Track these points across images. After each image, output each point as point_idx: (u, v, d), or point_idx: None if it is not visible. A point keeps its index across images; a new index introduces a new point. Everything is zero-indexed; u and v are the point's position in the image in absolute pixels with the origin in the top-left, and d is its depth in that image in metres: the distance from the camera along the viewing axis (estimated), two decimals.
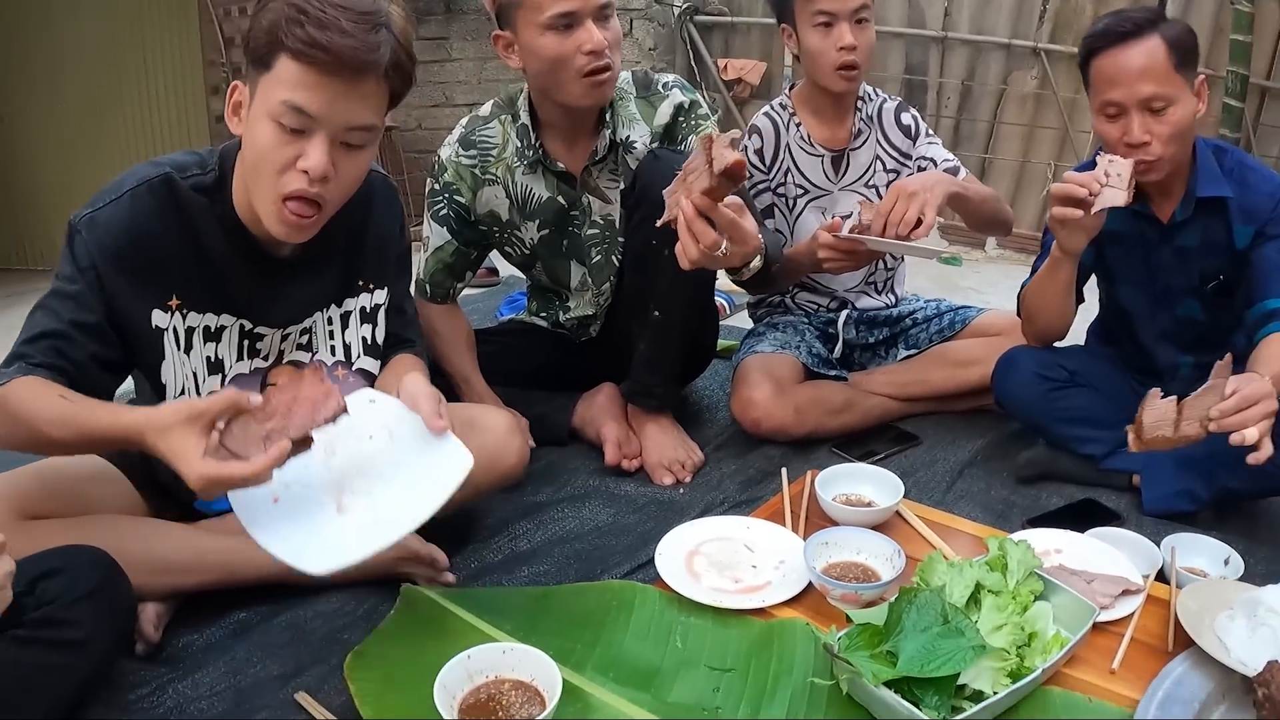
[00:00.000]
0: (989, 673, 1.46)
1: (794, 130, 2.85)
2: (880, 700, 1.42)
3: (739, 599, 1.77)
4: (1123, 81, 2.25)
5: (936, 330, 2.94)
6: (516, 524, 2.19)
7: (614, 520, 2.22)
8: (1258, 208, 2.36)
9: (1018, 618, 1.56)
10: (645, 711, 1.50)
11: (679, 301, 2.41)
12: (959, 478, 2.54)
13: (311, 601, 1.84)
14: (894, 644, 1.44)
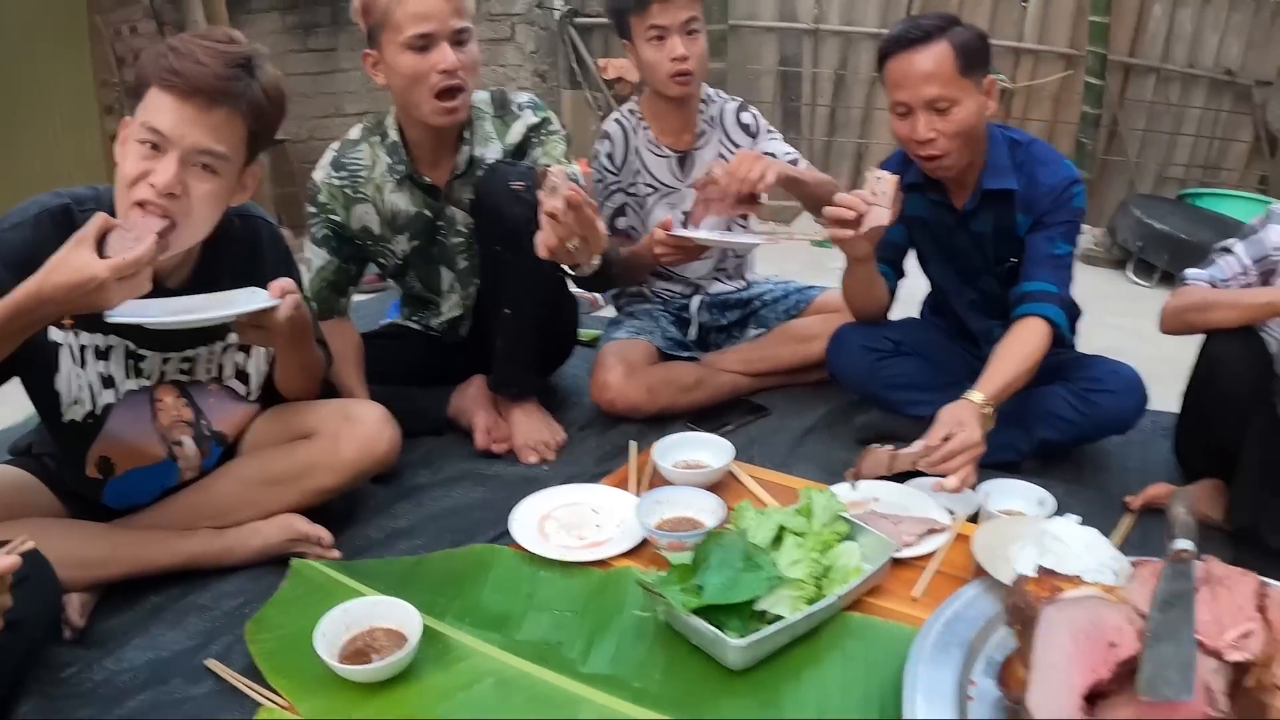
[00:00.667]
0: (787, 600, 1.72)
1: (642, 134, 3.08)
2: (690, 626, 1.68)
3: (582, 554, 2.02)
4: (909, 84, 2.47)
5: (783, 310, 3.21)
6: (396, 505, 2.39)
7: (484, 497, 2.42)
8: (1037, 201, 2.60)
9: (816, 554, 1.82)
10: (495, 648, 1.74)
11: (527, 300, 2.62)
12: (801, 443, 2.80)
13: (216, 584, 2.02)
14: (701, 579, 1.70)
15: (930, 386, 2.74)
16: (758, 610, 1.72)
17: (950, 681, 1.54)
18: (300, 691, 1.65)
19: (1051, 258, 2.59)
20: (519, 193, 2.47)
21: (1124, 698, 1.33)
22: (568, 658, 1.74)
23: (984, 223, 2.67)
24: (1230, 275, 2.41)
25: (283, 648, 1.77)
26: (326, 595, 1.87)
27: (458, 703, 1.61)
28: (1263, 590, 1.47)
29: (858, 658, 1.72)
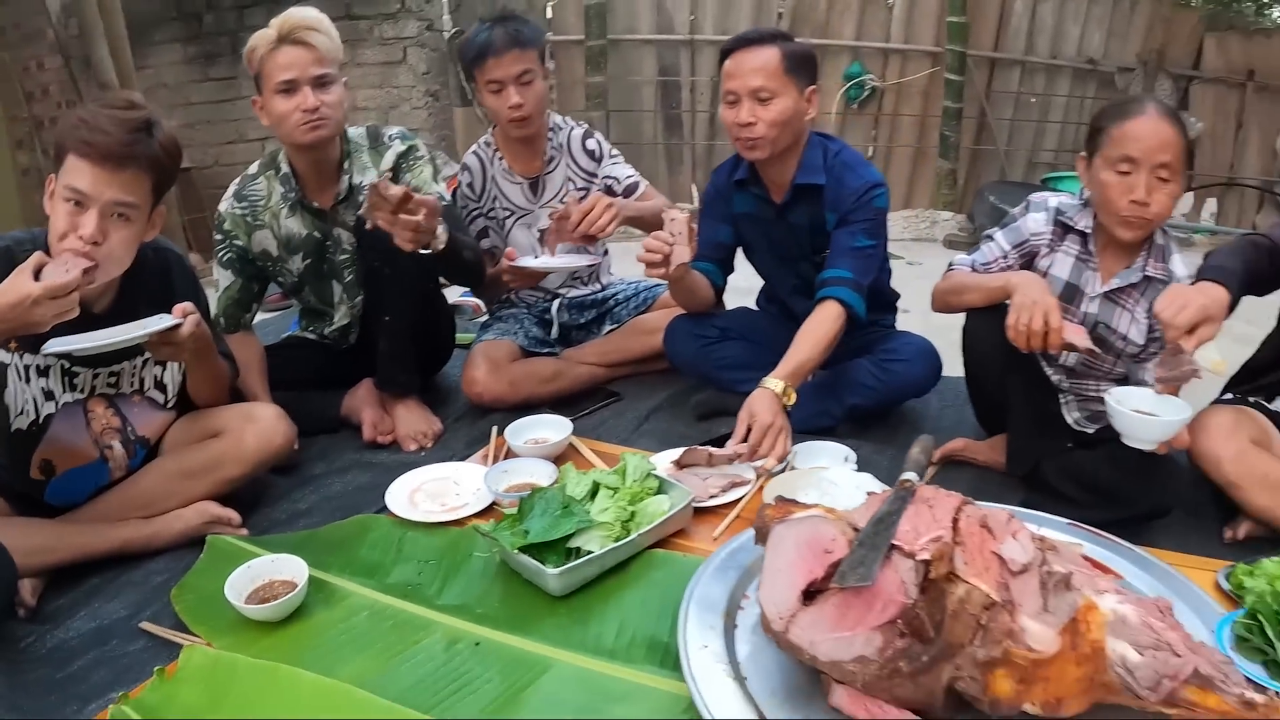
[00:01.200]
0: (597, 538, 2.19)
1: (497, 164, 3.50)
2: (519, 562, 2.14)
3: (442, 516, 2.48)
4: (739, 75, 2.92)
5: (634, 307, 3.67)
6: (296, 492, 2.80)
7: (370, 480, 2.81)
8: (842, 200, 3.04)
9: (624, 503, 2.29)
10: (369, 590, 2.19)
11: (405, 307, 3.04)
12: (646, 421, 3.27)
13: (147, 564, 2.38)
14: (527, 525, 2.18)
15: (758, 365, 3.15)
16: (573, 548, 2.19)
17: (723, 595, 1.96)
18: (216, 633, 2.05)
19: (852, 250, 3.02)
20: None
21: (834, 591, 1.68)
22: (426, 594, 2.19)
23: (800, 215, 3.12)
24: (991, 259, 2.80)
25: (201, 603, 2.16)
26: (236, 561, 2.19)
27: (339, 630, 2.04)
28: (961, 508, 1.83)
29: (658, 583, 2.17)
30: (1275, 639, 1.91)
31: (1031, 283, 2.50)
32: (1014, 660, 1.60)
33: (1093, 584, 1.76)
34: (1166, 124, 2.50)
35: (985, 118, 9.31)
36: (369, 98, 8.06)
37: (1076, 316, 2.74)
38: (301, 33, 2.85)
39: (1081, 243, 2.73)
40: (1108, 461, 2.61)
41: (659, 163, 8.78)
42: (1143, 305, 2.68)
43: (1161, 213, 2.53)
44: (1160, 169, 2.47)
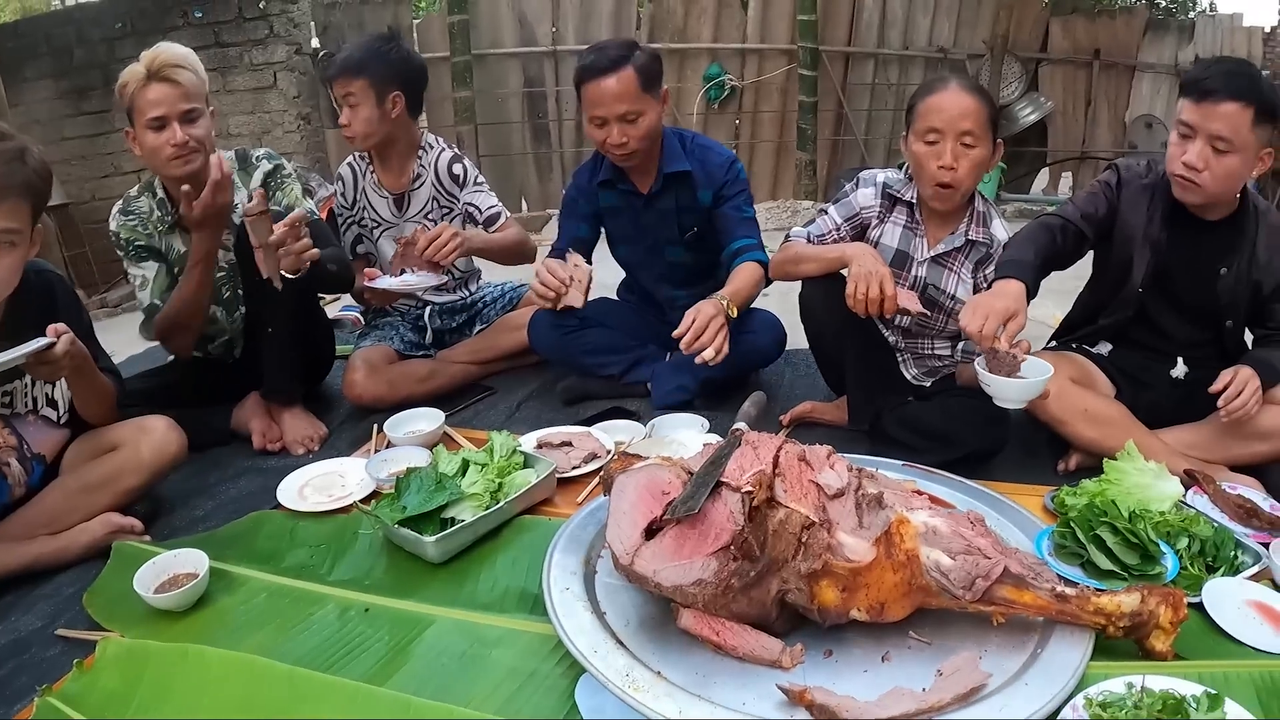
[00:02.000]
0: (469, 509, 2.45)
1: (368, 177, 3.71)
2: (399, 535, 2.39)
3: (329, 505, 2.71)
4: (605, 104, 3.20)
5: (501, 307, 3.94)
6: (194, 499, 2.95)
7: (263, 484, 2.98)
8: (714, 175, 3.39)
9: (492, 477, 2.55)
10: (266, 574, 2.39)
11: (285, 318, 3.20)
12: (517, 410, 3.52)
13: (58, 577, 2.49)
14: (404, 501, 2.42)
15: (618, 349, 3.46)
16: (448, 518, 2.44)
17: (583, 547, 2.24)
18: (129, 627, 2.21)
19: (743, 220, 3.42)
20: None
21: (671, 525, 1.93)
22: (319, 572, 2.42)
23: (668, 201, 3.44)
24: (825, 232, 3.08)
25: (112, 603, 2.32)
26: (142, 563, 2.32)
27: (240, 611, 2.25)
28: (782, 446, 2.10)
29: (527, 545, 2.44)
30: (1087, 542, 2.22)
31: (866, 253, 2.78)
32: (835, 571, 1.87)
33: (906, 502, 2.06)
34: (967, 96, 2.81)
35: (843, 109, 9.69)
36: (242, 124, 8.13)
37: (908, 280, 3.03)
38: (169, 70, 2.95)
39: (908, 212, 3.03)
40: (941, 409, 2.94)
41: (529, 172, 9.01)
42: (967, 266, 3.00)
43: (968, 179, 2.84)
44: (964, 136, 2.78)
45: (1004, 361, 2.53)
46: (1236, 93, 2.58)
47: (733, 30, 9.30)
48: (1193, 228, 2.83)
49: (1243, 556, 2.31)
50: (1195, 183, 2.66)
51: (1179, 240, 2.85)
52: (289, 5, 7.96)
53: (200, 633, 2.17)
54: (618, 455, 2.28)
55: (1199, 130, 2.62)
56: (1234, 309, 2.88)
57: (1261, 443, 2.78)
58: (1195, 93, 2.63)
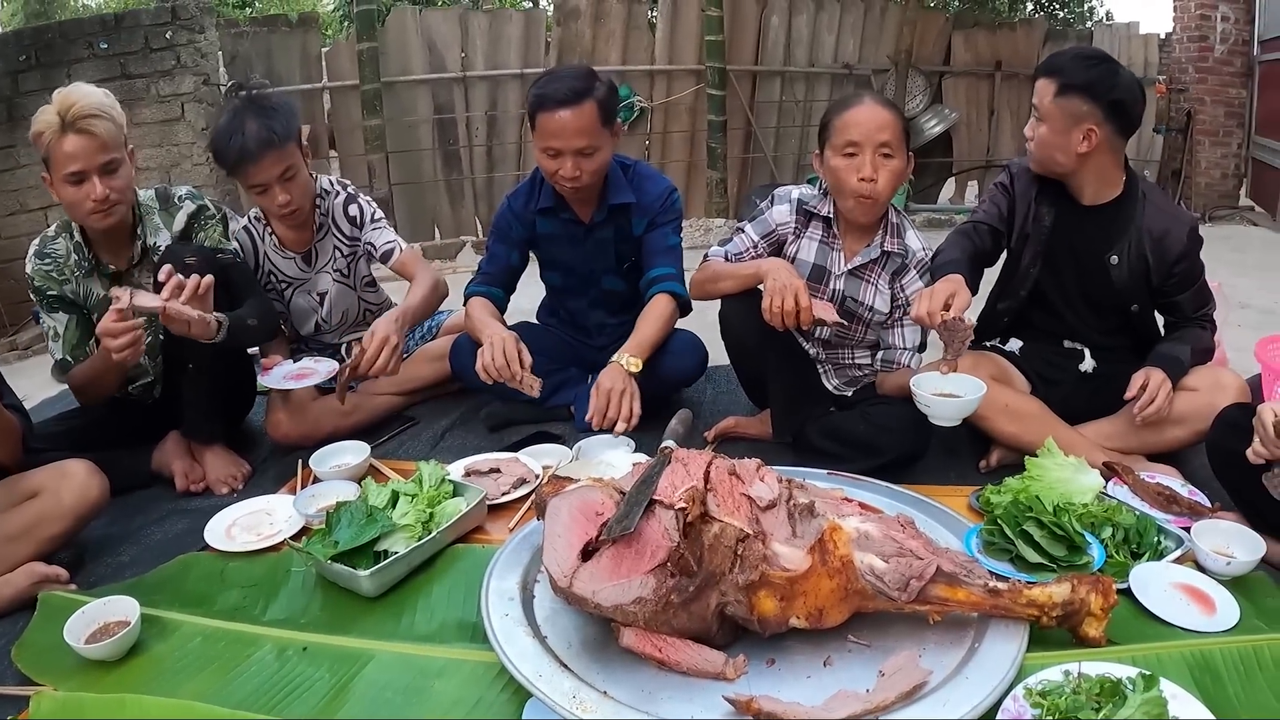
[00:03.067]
0: (402, 540, 2.45)
1: (268, 239, 3.62)
2: (332, 570, 2.38)
3: (259, 544, 2.68)
4: (564, 136, 3.16)
5: (420, 336, 3.92)
6: (118, 545, 2.89)
7: (189, 526, 2.92)
8: (649, 206, 3.41)
9: (422, 507, 2.55)
10: (199, 618, 2.35)
11: (206, 357, 3.12)
12: (441, 439, 3.52)
13: None
14: (335, 536, 2.40)
15: (545, 372, 3.40)
16: (381, 551, 2.44)
17: (519, 571, 2.25)
18: (61, 679, 2.16)
19: (667, 249, 3.43)
20: (191, 266, 2.94)
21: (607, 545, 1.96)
22: (252, 613, 2.39)
23: (607, 231, 3.45)
24: (743, 249, 3.14)
25: (42, 656, 2.26)
26: (70, 613, 2.26)
27: (175, 657, 2.22)
28: (712, 462, 2.14)
29: (462, 573, 2.46)
30: (1014, 538, 2.30)
31: (780, 268, 2.84)
32: (772, 581, 1.92)
33: (837, 509, 2.12)
34: (882, 110, 2.91)
35: (751, 127, 9.81)
36: (149, 157, 7.97)
37: (826, 294, 3.10)
38: (84, 122, 2.85)
39: (825, 227, 3.10)
40: (863, 418, 3.02)
41: (440, 199, 8.98)
42: (884, 278, 3.08)
43: (888, 189, 2.92)
44: (882, 147, 2.87)
45: (956, 331, 2.60)
46: (1045, 70, 2.88)
47: (641, 52, 9.38)
48: (1077, 212, 2.98)
49: (1166, 542, 2.42)
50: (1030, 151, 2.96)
51: (1065, 223, 3.00)
52: (196, 35, 7.84)
53: (136, 681, 2.14)
54: (549, 479, 2.29)
55: (1035, 106, 2.90)
56: (1134, 293, 2.99)
57: (1177, 429, 2.88)
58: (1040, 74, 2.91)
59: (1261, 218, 9.60)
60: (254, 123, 3.24)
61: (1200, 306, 3.04)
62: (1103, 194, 2.95)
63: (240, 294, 3.18)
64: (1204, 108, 9.89)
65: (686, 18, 9.36)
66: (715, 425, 3.39)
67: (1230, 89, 9.85)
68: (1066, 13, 17.87)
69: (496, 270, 3.57)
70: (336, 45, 9.09)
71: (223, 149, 3.28)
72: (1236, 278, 6.41)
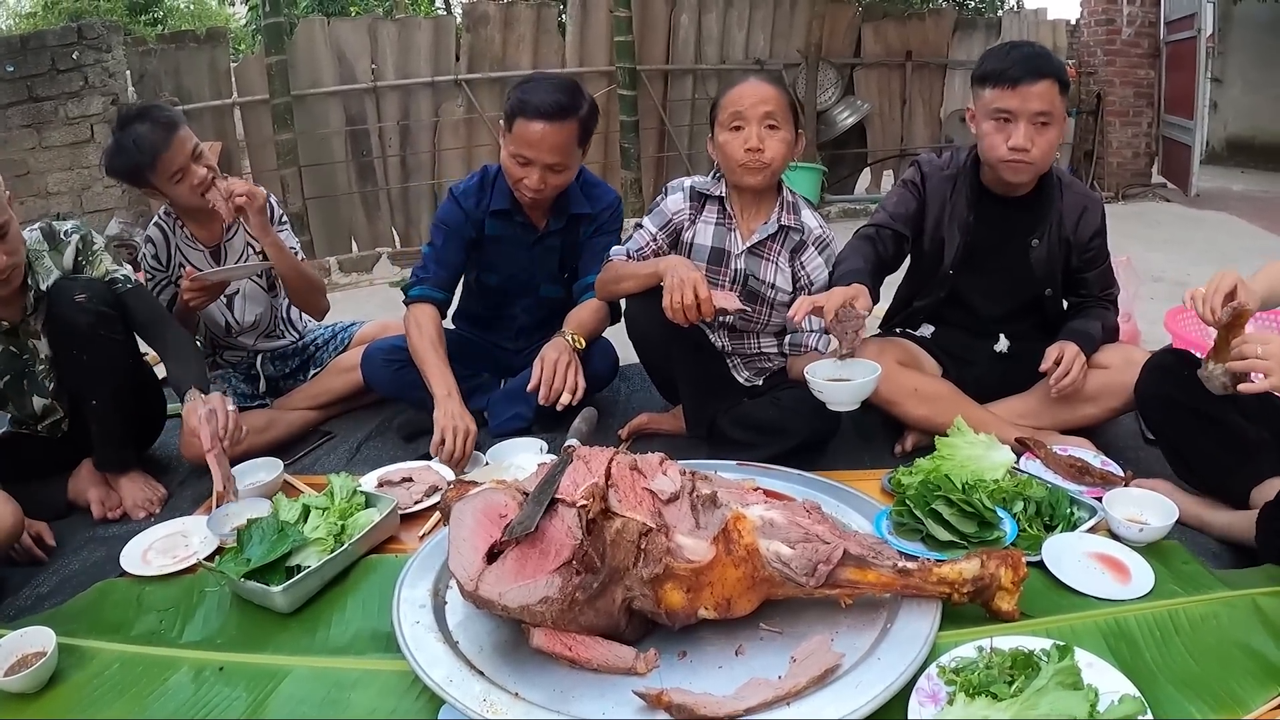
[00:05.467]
0: (314, 554, 2.48)
1: (179, 233, 3.64)
2: (245, 588, 2.39)
3: (175, 566, 2.68)
4: (541, 148, 3.19)
5: (333, 348, 3.94)
6: (36, 577, 2.85)
7: (107, 553, 2.91)
8: (598, 214, 3.49)
9: (334, 519, 2.58)
10: (116, 644, 2.35)
11: (108, 390, 3.11)
12: (358, 452, 3.54)
13: None
14: (247, 553, 2.43)
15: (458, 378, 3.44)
16: (294, 566, 2.46)
17: (429, 580, 2.29)
18: None
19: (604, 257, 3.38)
20: (81, 303, 2.97)
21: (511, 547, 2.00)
22: (169, 636, 2.39)
23: (555, 240, 3.51)
24: (643, 244, 3.20)
25: None
26: None
27: (93, 685, 2.21)
28: (614, 458, 2.18)
29: (375, 584, 2.48)
30: (924, 517, 2.36)
31: (677, 264, 2.87)
32: (677, 573, 1.95)
33: (740, 498, 2.17)
34: (765, 85, 3.01)
35: (665, 126, 9.87)
36: (60, 181, 7.94)
37: (727, 274, 3.17)
38: None
39: (719, 208, 3.17)
40: (772, 403, 3.09)
41: (356, 211, 8.95)
42: (784, 255, 3.15)
43: (777, 158, 3.00)
44: (766, 118, 2.96)
45: (847, 322, 2.65)
46: (1046, 70, 2.83)
47: (551, 55, 9.42)
48: (1000, 206, 3.06)
49: (1079, 513, 2.50)
50: (1025, 161, 2.88)
51: (987, 219, 3.07)
52: (103, 55, 7.85)
53: (56, 710, 2.14)
54: (453, 484, 2.33)
55: (1019, 113, 2.83)
56: (1051, 278, 3.10)
57: (1089, 406, 2.99)
58: (1006, 80, 2.84)
59: (1173, 194, 9.88)
60: (143, 124, 3.30)
61: (1106, 287, 3.16)
62: (1029, 185, 3.04)
63: (142, 322, 3.18)
64: (1114, 89, 10.20)
65: (596, 19, 9.41)
66: (629, 423, 3.43)
67: (1139, 70, 10.18)
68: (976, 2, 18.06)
69: (446, 273, 3.55)
70: (245, 60, 9.06)
71: (126, 155, 3.31)
72: (1150, 252, 6.60)
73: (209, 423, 2.81)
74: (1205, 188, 9.95)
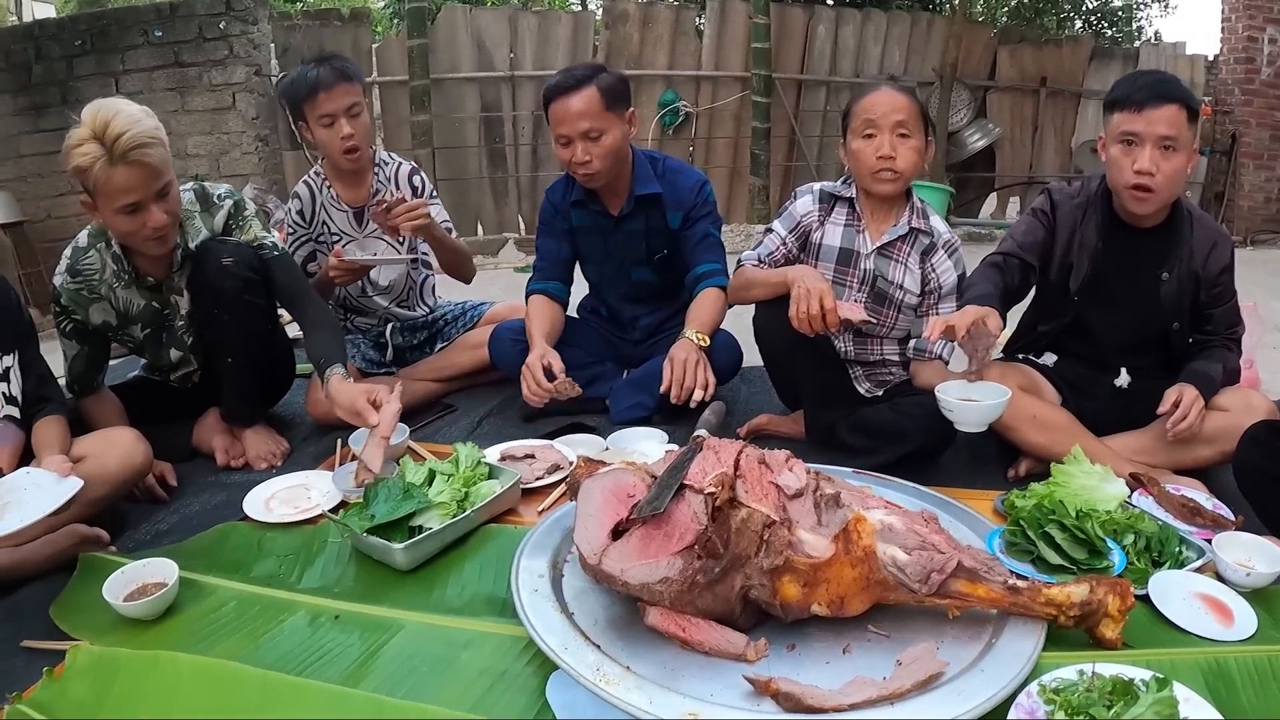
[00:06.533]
0: (436, 517, 2.49)
1: (326, 192, 3.75)
2: (367, 543, 2.42)
3: (297, 516, 2.73)
4: (568, 121, 3.28)
5: (462, 325, 3.98)
6: (157, 514, 2.95)
7: (227, 498, 2.99)
8: (683, 199, 3.49)
9: (458, 486, 2.60)
10: (236, 583, 2.41)
11: (243, 350, 3.22)
12: (478, 426, 3.57)
13: (20, 591, 2.45)
14: (373, 509, 2.45)
15: (577, 366, 3.48)
16: (415, 526, 2.48)
17: (549, 551, 2.29)
18: (98, 635, 2.21)
19: (709, 245, 3.51)
20: (228, 267, 3.06)
21: (637, 525, 2.00)
22: (287, 580, 2.44)
23: (637, 223, 3.52)
24: (774, 249, 3.18)
25: (81, 613, 2.31)
26: (108, 574, 2.35)
27: (210, 619, 2.27)
28: (743, 450, 2.17)
29: (494, 551, 2.50)
30: (1036, 539, 2.33)
31: (806, 274, 2.85)
32: (796, 567, 1.94)
33: (862, 501, 2.13)
34: (897, 93, 2.99)
35: (795, 135, 9.83)
36: (200, 144, 8.13)
37: (856, 275, 3.14)
38: (135, 153, 2.69)
39: (849, 209, 3.15)
40: (890, 409, 3.06)
41: (485, 196, 9.07)
42: (913, 257, 3.11)
43: (908, 167, 2.98)
44: (899, 127, 2.94)
45: (979, 339, 2.63)
46: (1173, 95, 2.74)
47: (688, 57, 9.44)
48: (1130, 236, 2.97)
49: (1187, 552, 2.42)
50: (1149, 188, 2.78)
51: (1116, 249, 2.98)
52: (249, 27, 8.02)
53: (170, 640, 2.18)
54: (583, 462, 2.33)
55: (1145, 136, 2.74)
56: (1179, 312, 3.00)
57: (1205, 448, 2.88)
58: (1133, 104, 2.77)
59: None
60: (322, 65, 3.52)
61: (1231, 326, 3.05)
62: (1160, 216, 2.95)
63: (285, 291, 3.26)
64: (1249, 130, 9.83)
65: (734, 25, 9.41)
66: (748, 422, 3.41)
67: (1276, 112, 9.81)
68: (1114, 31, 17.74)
69: (548, 264, 3.68)
70: (387, 41, 9.20)
71: (297, 82, 3.50)
72: (1276, 300, 6.37)
73: (390, 407, 2.83)
74: None
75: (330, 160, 3.69)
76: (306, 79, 3.47)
